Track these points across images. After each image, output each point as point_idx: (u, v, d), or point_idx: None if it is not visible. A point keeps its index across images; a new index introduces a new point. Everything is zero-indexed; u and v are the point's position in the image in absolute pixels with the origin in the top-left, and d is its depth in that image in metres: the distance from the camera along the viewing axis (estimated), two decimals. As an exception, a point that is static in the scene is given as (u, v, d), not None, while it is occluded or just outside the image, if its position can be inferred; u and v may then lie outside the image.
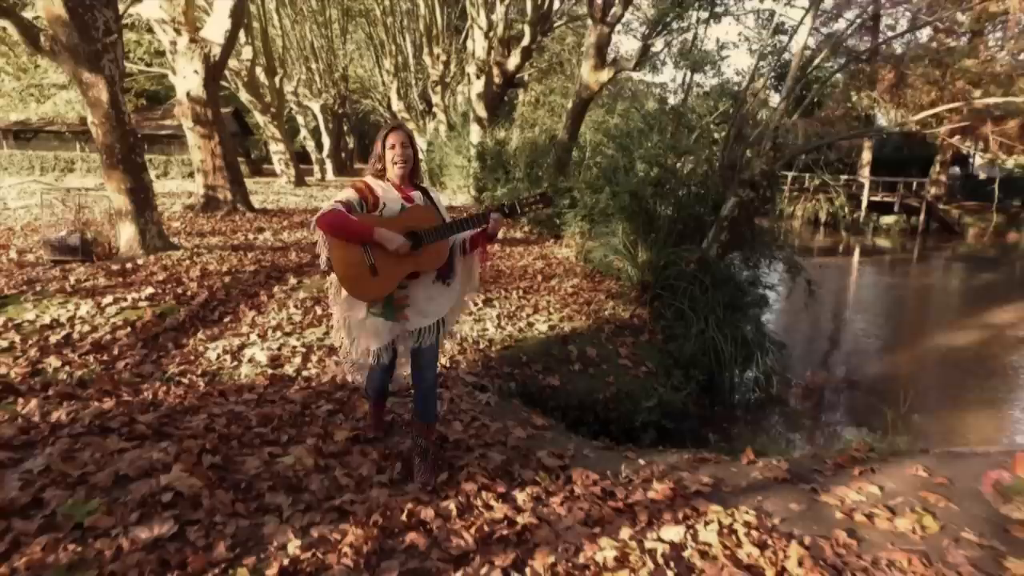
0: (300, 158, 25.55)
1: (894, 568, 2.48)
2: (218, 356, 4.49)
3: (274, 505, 2.53)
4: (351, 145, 41.87)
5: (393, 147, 2.55)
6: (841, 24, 28.61)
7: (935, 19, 19.53)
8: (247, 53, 17.32)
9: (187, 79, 10.43)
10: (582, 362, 5.44)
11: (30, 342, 4.39)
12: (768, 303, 8.60)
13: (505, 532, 2.48)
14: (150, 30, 14.81)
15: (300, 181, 20.72)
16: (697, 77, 10.62)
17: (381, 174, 2.62)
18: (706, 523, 2.67)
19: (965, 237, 29.52)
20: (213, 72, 10.48)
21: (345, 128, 37.71)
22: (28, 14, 8.00)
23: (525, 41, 14.94)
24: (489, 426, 3.60)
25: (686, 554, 2.45)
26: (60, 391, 3.54)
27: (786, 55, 7.74)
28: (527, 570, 2.23)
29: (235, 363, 4.39)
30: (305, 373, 4.29)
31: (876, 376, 8.25)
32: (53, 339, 4.48)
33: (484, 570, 2.21)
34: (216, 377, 4.13)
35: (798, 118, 7.87)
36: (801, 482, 3.30)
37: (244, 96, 19.11)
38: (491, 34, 15.50)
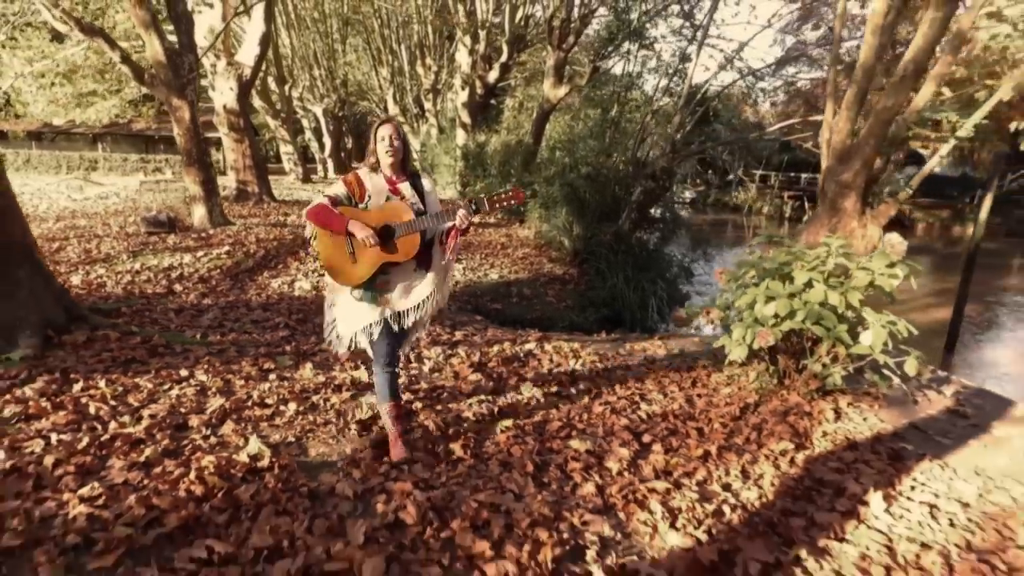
0: (302, 158, 28.03)
1: (635, 358, 5.06)
2: (279, 285, 7.05)
3: (333, 331, 5.10)
4: (350, 145, 44.31)
5: (383, 139, 2.72)
6: (808, 34, 31.14)
7: None
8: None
9: (224, 94, 12.95)
10: (519, 297, 8.02)
11: (159, 276, 6.94)
12: (691, 274, 11.21)
13: (445, 342, 5.07)
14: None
15: (307, 178, 23.25)
16: (635, 93, 13.14)
17: (376, 166, 2.80)
18: (551, 344, 5.25)
19: (915, 231, 32.10)
20: (245, 88, 13.01)
21: (344, 129, 40.19)
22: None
23: (503, 58, 17.50)
24: (447, 315, 6.18)
25: (535, 351, 5.02)
26: (207, 289, 6.13)
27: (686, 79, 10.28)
28: (452, 351, 4.80)
29: (291, 289, 6.95)
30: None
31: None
32: (172, 275, 7.03)
33: (435, 351, 4.79)
34: (282, 295, 6.69)
35: (693, 126, 10.43)
36: (621, 341, 5.90)
37: (257, 102, 21.59)
38: (475, 50, 18.03)
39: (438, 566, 2.22)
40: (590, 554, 2.36)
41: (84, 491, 2.45)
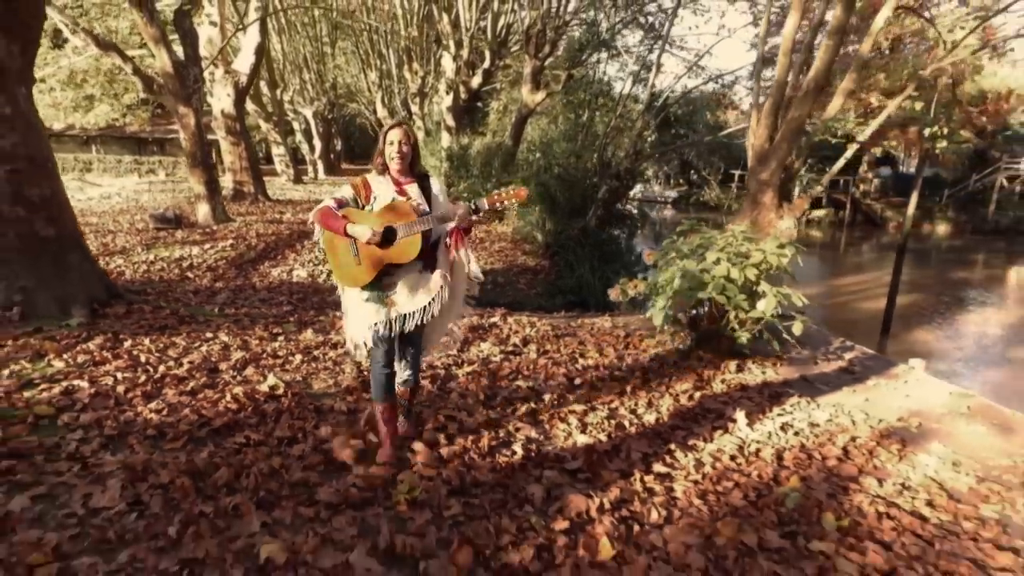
0: (293, 159, 28.83)
1: (585, 332, 6.02)
2: (279, 273, 7.96)
3: (331, 306, 6.03)
4: (339, 147, 45.08)
5: (392, 143, 2.74)
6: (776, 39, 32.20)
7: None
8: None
9: (221, 100, 13.82)
10: (493, 284, 8.97)
11: (172, 266, 7.83)
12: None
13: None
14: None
15: (298, 179, 24.10)
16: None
17: (383, 169, 2.82)
18: (513, 319, 6.21)
19: (886, 229, 33.32)
20: (241, 95, 13.89)
21: (333, 130, 40.99)
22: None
23: (486, 64, 18.41)
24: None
25: (498, 322, 5.97)
26: (216, 276, 7.03)
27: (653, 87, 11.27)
28: (431, 323, 5.73)
29: (290, 276, 7.87)
30: (331, 281, 7.75)
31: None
32: (184, 264, 7.92)
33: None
34: (282, 281, 7.60)
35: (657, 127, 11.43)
36: (575, 317, 6.87)
37: (249, 106, 22.38)
38: (459, 56, 18.94)
39: (409, 451, 3.16)
40: (516, 444, 3.32)
41: (151, 406, 3.38)
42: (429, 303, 2.85)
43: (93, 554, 2.14)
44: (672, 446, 3.51)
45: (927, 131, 8.70)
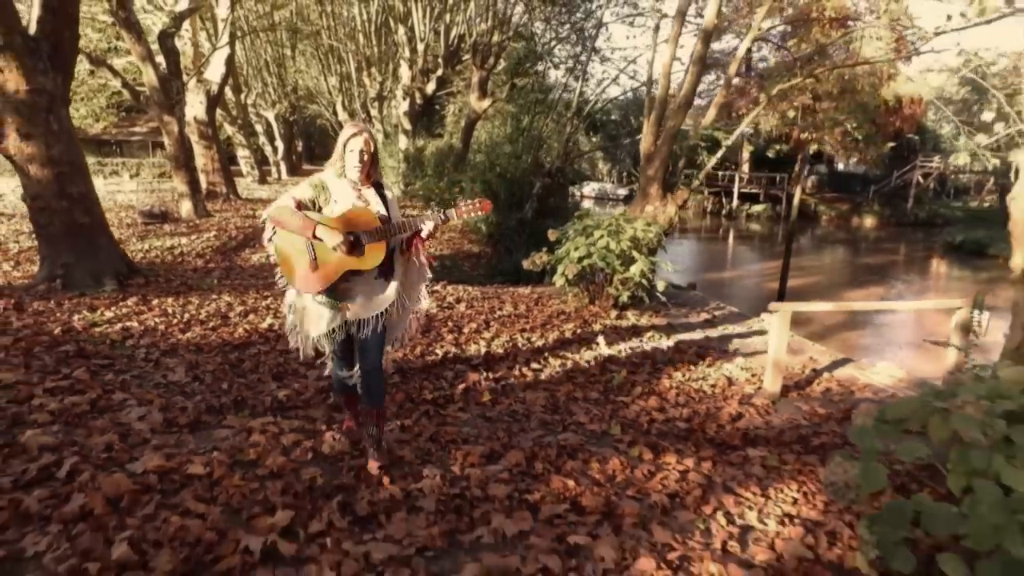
0: (258, 160, 29.84)
1: (507, 296, 7.68)
2: (258, 259, 9.41)
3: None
4: (300, 148, 45.92)
5: (353, 151, 2.68)
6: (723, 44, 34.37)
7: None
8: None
9: (194, 107, 15.06)
10: (441, 268, 10.56)
11: (165, 253, 9.22)
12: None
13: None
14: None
15: (263, 179, 25.28)
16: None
17: (341, 172, 2.75)
18: (451, 287, 7.82)
19: (820, 222, 35.90)
20: (213, 102, 15.17)
21: (294, 131, 41.81)
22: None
23: (439, 72, 19.98)
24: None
25: (439, 289, 7.58)
26: (206, 260, 8.48)
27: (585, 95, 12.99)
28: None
29: (268, 261, 9.32)
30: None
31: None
32: (176, 251, 9.31)
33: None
34: (263, 264, 9.06)
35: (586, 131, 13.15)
36: (502, 287, 8.53)
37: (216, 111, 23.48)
38: (414, 63, 20.43)
39: (367, 356, 4.74)
40: (439, 351, 4.94)
41: (188, 335, 4.91)
42: (385, 311, 2.83)
43: (179, 396, 3.68)
44: (548, 356, 5.19)
45: (803, 135, 10.59)
